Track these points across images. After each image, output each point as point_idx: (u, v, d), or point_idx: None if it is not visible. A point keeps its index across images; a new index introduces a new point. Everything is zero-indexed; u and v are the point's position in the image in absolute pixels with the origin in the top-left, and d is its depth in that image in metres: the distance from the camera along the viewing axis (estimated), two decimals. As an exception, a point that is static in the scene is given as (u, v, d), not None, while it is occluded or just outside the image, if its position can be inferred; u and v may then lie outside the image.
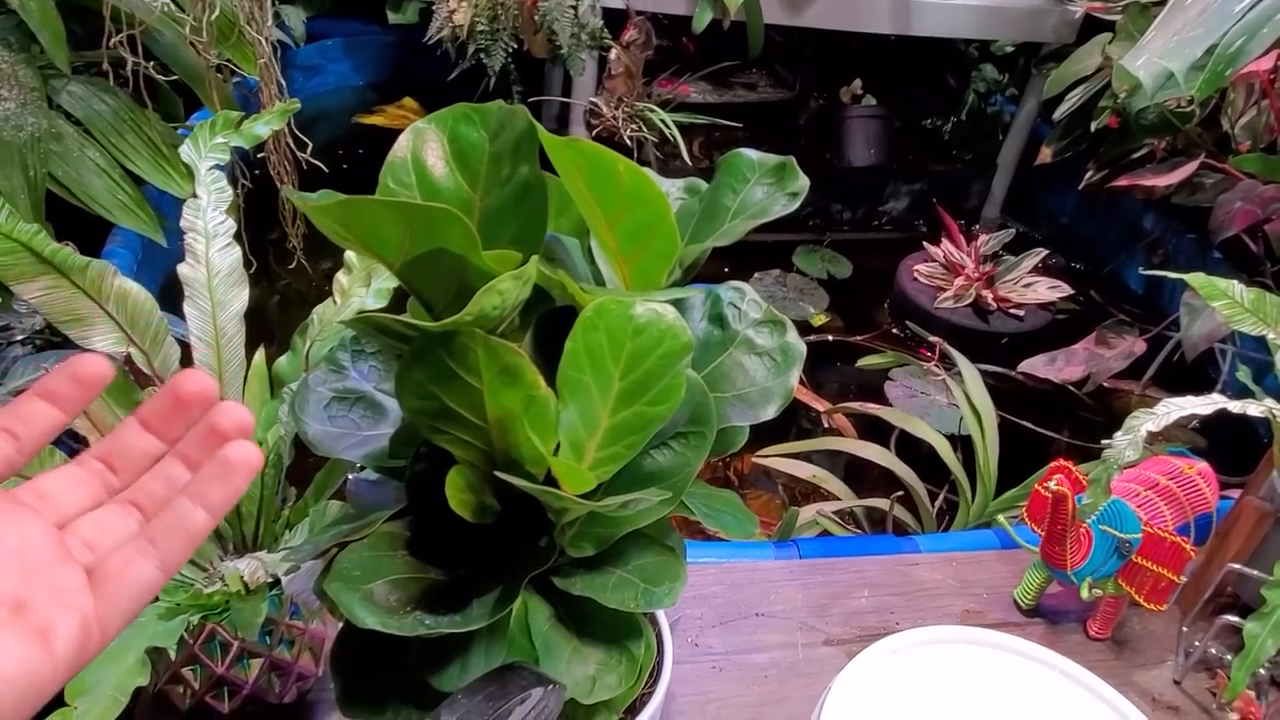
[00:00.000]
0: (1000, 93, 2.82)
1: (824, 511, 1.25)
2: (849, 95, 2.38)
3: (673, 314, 0.44)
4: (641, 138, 2.16)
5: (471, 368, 0.42)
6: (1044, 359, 1.87)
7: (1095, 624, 0.93)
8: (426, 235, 0.42)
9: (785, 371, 0.54)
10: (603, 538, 0.49)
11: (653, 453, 0.48)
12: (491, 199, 0.50)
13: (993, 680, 0.63)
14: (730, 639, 0.92)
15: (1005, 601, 0.98)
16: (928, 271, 2.06)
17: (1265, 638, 0.72)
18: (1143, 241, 2.21)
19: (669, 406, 0.45)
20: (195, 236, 0.76)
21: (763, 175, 0.52)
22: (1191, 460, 0.95)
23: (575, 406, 0.44)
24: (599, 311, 0.43)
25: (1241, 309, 0.82)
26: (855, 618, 0.96)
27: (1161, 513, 0.88)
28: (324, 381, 0.58)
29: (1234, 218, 1.44)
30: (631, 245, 0.50)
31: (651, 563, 0.50)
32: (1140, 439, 0.74)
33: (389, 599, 0.43)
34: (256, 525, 0.77)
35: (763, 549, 1.06)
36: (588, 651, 0.49)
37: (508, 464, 0.46)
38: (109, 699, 0.53)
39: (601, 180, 0.46)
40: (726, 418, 0.53)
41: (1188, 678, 0.90)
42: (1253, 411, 0.74)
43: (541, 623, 0.50)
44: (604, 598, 0.47)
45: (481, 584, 0.45)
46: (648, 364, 0.44)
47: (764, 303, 0.56)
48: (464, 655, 0.44)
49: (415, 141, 0.50)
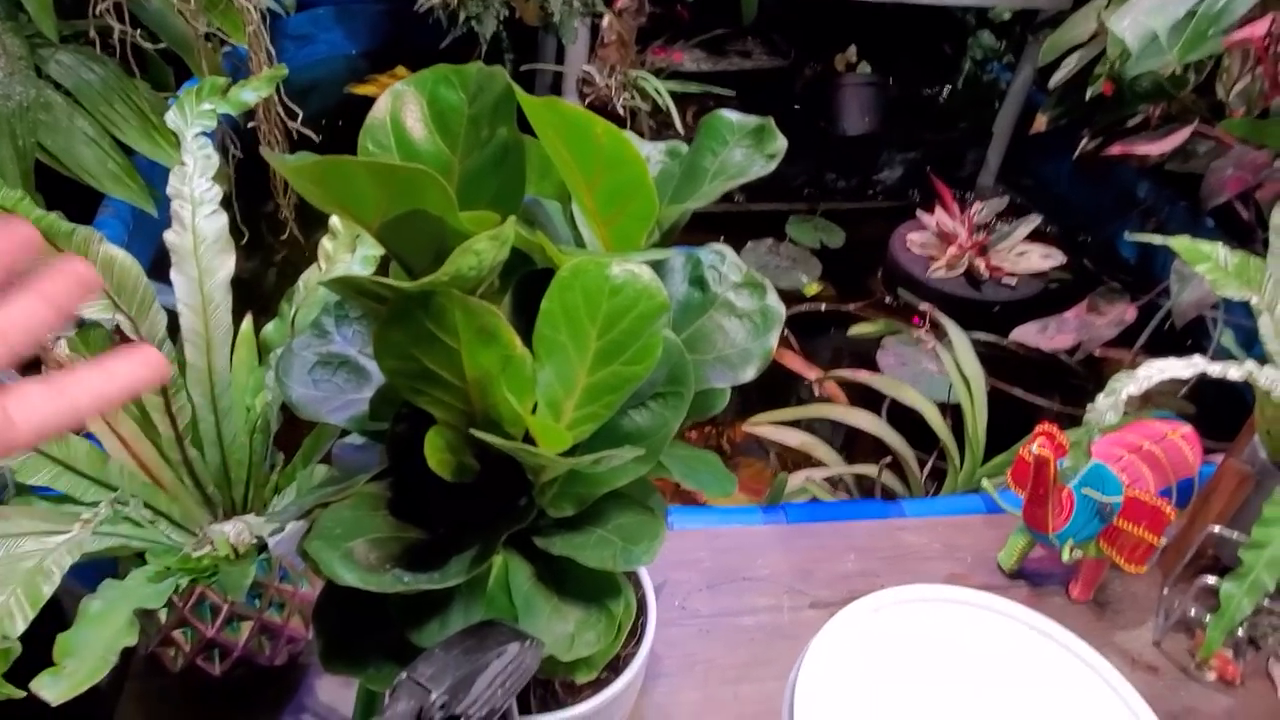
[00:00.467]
0: (997, 60, 2.80)
1: (813, 478, 1.26)
2: (844, 63, 2.37)
3: (649, 274, 0.44)
4: (635, 106, 2.15)
5: (449, 328, 0.43)
6: (1035, 327, 1.87)
7: (1077, 587, 0.95)
8: (404, 196, 0.43)
9: (765, 333, 0.54)
10: (582, 498, 0.49)
11: (631, 413, 0.49)
12: (471, 161, 0.50)
13: (972, 638, 0.64)
14: (717, 602, 0.93)
15: (989, 565, 0.99)
16: (921, 240, 2.06)
17: (1241, 598, 0.73)
18: (1136, 209, 2.21)
19: (646, 366, 0.45)
20: (181, 203, 0.76)
21: (742, 137, 0.52)
22: (1176, 424, 0.96)
23: (552, 366, 0.44)
24: (575, 271, 0.43)
25: (1225, 273, 0.82)
26: (841, 581, 0.97)
27: (1144, 476, 0.89)
28: (308, 346, 0.58)
29: (1225, 184, 1.44)
30: (610, 207, 0.50)
31: (631, 522, 0.51)
32: (1121, 402, 0.74)
33: (369, 557, 0.44)
34: (245, 490, 0.78)
35: (751, 514, 1.07)
36: (567, 610, 0.50)
37: (486, 424, 0.46)
38: (97, 659, 0.54)
39: (579, 142, 0.46)
40: (706, 379, 0.54)
41: (1167, 639, 0.92)
42: (1233, 375, 0.74)
43: (522, 582, 0.50)
44: (583, 557, 0.48)
45: (461, 542, 0.46)
46: (624, 324, 0.44)
47: (744, 265, 0.56)
48: (443, 612, 0.45)
49: (394, 104, 0.50)
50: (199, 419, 0.75)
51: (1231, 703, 0.87)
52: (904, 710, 0.58)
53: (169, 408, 0.73)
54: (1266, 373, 0.76)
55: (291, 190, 1.94)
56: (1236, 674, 0.88)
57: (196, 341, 0.75)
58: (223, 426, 0.76)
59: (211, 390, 0.75)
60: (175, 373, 0.72)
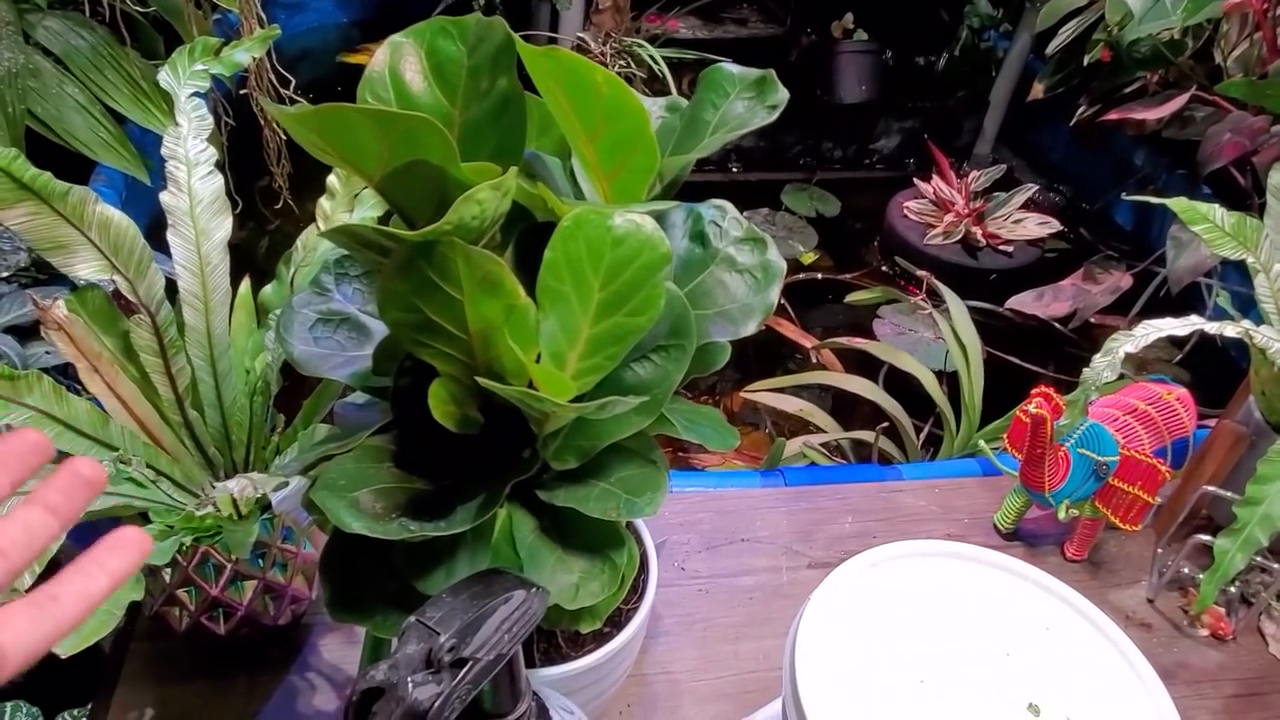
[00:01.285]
0: (994, 28, 2.78)
1: (810, 443, 1.27)
2: (840, 30, 2.35)
3: (652, 225, 0.44)
4: (630, 74, 2.14)
5: (452, 278, 0.43)
6: (1032, 295, 1.88)
7: (1072, 546, 0.96)
8: (405, 146, 0.42)
9: (766, 288, 0.55)
10: (585, 450, 0.50)
11: (633, 365, 0.49)
12: (471, 113, 0.50)
13: (970, 592, 0.65)
14: (717, 563, 0.94)
15: (985, 526, 1.00)
16: (918, 208, 2.06)
17: (1235, 553, 0.73)
18: (1133, 177, 2.20)
19: (649, 317, 0.45)
20: (176, 164, 0.75)
21: (743, 89, 0.52)
22: (1171, 387, 0.96)
23: (556, 316, 0.44)
24: (578, 222, 0.43)
25: (1222, 233, 0.82)
26: (839, 542, 0.98)
27: (1139, 436, 0.90)
28: (308, 303, 0.58)
29: (1222, 149, 1.44)
30: (611, 160, 0.50)
31: (633, 474, 0.51)
32: (1118, 360, 0.75)
33: (374, 506, 0.44)
34: (247, 452, 0.78)
35: (749, 478, 1.08)
36: (571, 560, 0.50)
37: (490, 375, 0.46)
38: (103, 613, 0.55)
39: (580, 92, 0.46)
40: (707, 334, 0.54)
41: (1161, 597, 0.93)
42: (1229, 332, 0.75)
43: (526, 534, 0.51)
44: (587, 508, 0.48)
45: (465, 492, 0.46)
46: (627, 274, 0.44)
47: (744, 220, 0.56)
48: (449, 561, 0.45)
49: (393, 56, 0.50)
50: (198, 381, 0.75)
51: (1223, 658, 0.88)
52: (903, 662, 0.59)
53: (168, 369, 0.73)
54: (1263, 331, 0.76)
55: (285, 160, 1.92)
56: (1229, 630, 0.89)
57: (194, 303, 0.75)
58: (222, 388, 0.76)
59: (210, 352, 0.75)
60: (174, 335, 0.72)
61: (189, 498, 0.75)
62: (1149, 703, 0.59)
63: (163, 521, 0.65)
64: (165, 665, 0.77)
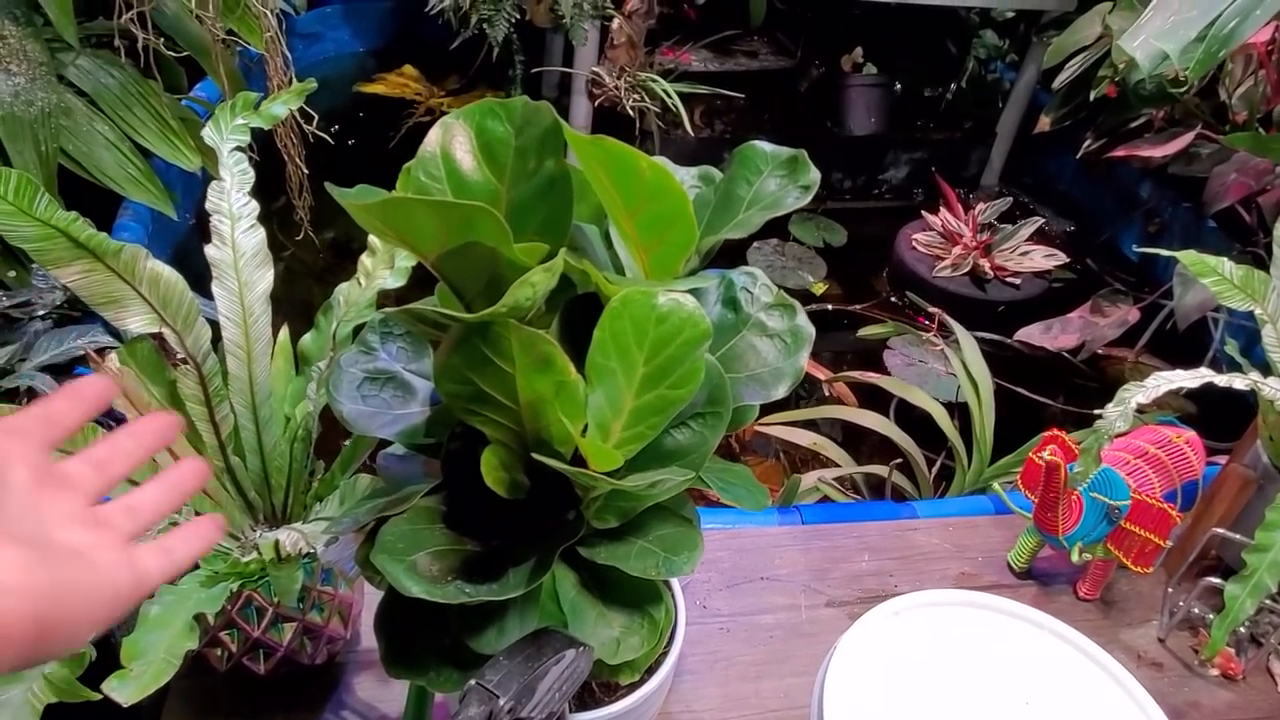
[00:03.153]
0: (1001, 59, 2.82)
1: (824, 478, 1.29)
2: (850, 63, 2.39)
3: (692, 303, 0.47)
4: (643, 107, 2.17)
5: (505, 355, 0.45)
6: (1040, 327, 1.90)
7: (1085, 586, 0.98)
8: (461, 230, 0.45)
9: (795, 353, 0.57)
10: (625, 510, 0.52)
11: (673, 432, 0.51)
12: (518, 191, 0.53)
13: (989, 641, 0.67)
14: (737, 601, 0.96)
15: (999, 564, 1.02)
16: (926, 240, 2.09)
17: (1245, 598, 0.76)
18: (1139, 210, 2.23)
19: (689, 389, 0.48)
20: (221, 218, 0.78)
21: (776, 167, 0.54)
22: (1180, 430, 0.99)
23: (603, 390, 0.47)
24: (624, 302, 0.46)
25: (1230, 285, 0.85)
26: (856, 580, 1.00)
27: (1150, 480, 0.92)
28: (355, 363, 0.61)
29: (1228, 190, 1.47)
30: (651, 235, 0.53)
31: (671, 533, 0.54)
32: (1130, 411, 0.77)
33: (431, 569, 0.46)
34: (286, 497, 0.81)
35: (767, 515, 1.10)
36: (612, 616, 0.52)
37: (538, 444, 0.49)
38: (161, 661, 0.57)
39: (624, 175, 0.49)
40: (740, 397, 0.56)
41: (1171, 636, 0.95)
42: (1238, 385, 0.77)
43: (569, 589, 0.53)
44: (627, 566, 0.51)
45: (516, 555, 0.49)
46: (670, 350, 0.47)
47: (775, 287, 0.59)
48: (500, 620, 0.48)
49: (444, 136, 0.53)
50: (240, 428, 0.78)
51: (1233, 697, 0.90)
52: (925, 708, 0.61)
53: (213, 417, 0.76)
54: (1271, 383, 0.79)
55: (306, 191, 1.96)
56: (1239, 670, 0.91)
57: (238, 353, 0.77)
58: (263, 435, 0.79)
59: (252, 400, 0.78)
60: (219, 384, 0.75)
61: (232, 543, 0.77)
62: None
63: (210, 568, 0.68)
64: (205, 702, 0.79)
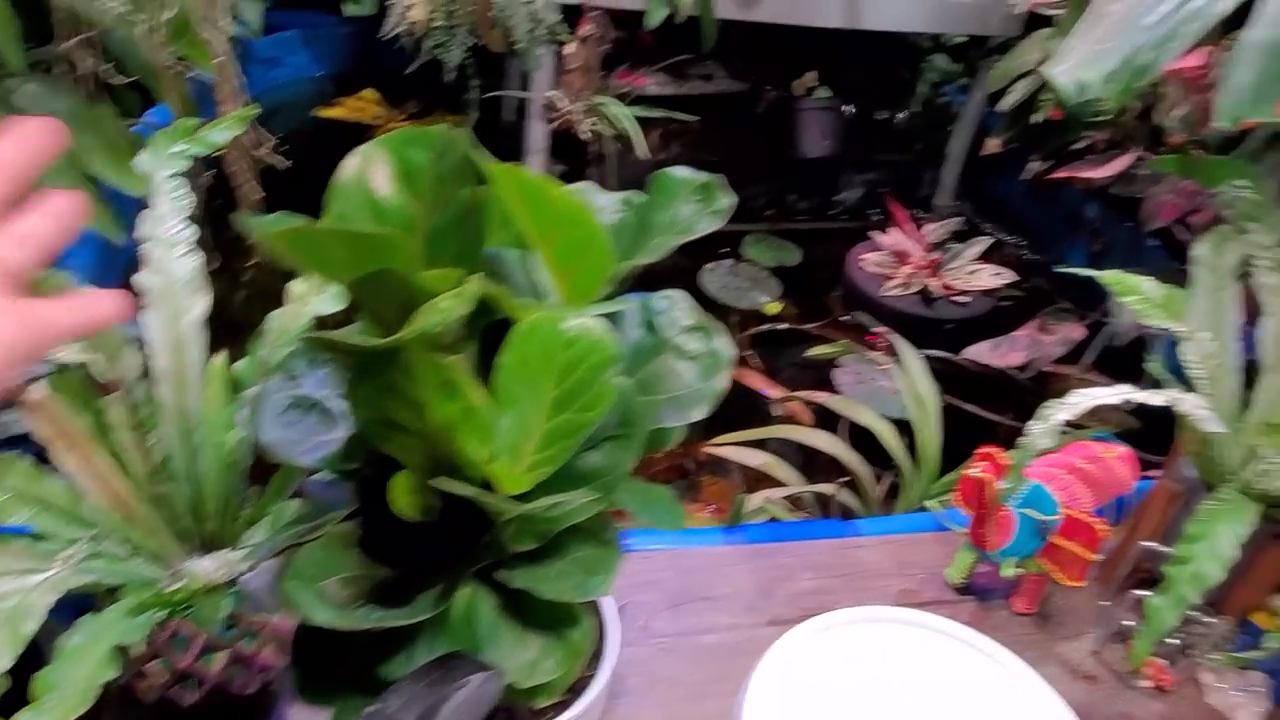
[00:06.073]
0: (953, 83, 2.88)
1: (771, 498, 1.30)
2: (802, 88, 2.43)
3: (601, 327, 0.48)
4: (599, 131, 2.19)
5: (414, 381, 0.46)
6: (988, 345, 1.93)
7: (1021, 600, 0.99)
8: (371, 258, 0.46)
9: (713, 375, 0.58)
10: (542, 533, 0.53)
11: (586, 454, 0.52)
12: (436, 218, 0.54)
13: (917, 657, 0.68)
14: (680, 622, 0.96)
15: (939, 581, 1.04)
16: (876, 260, 2.12)
17: (1167, 611, 0.77)
18: (1085, 230, 2.28)
19: (599, 412, 0.49)
20: (153, 245, 0.78)
21: (691, 193, 0.56)
22: (1112, 445, 1.01)
23: (512, 415, 0.48)
24: (532, 327, 0.47)
25: (1151, 304, 0.87)
26: (798, 599, 1.01)
27: (1080, 495, 0.94)
28: (280, 389, 0.61)
29: (1161, 210, 1.51)
30: (567, 261, 0.54)
31: (589, 555, 0.54)
32: (1054, 427, 0.79)
33: (340, 595, 0.47)
34: (219, 524, 0.80)
35: (713, 535, 1.11)
36: (529, 639, 0.53)
37: (450, 468, 0.49)
38: (78, 694, 0.57)
39: (537, 204, 0.50)
40: (658, 419, 0.57)
41: (1106, 649, 0.96)
42: (1155, 402, 0.79)
43: (486, 614, 0.54)
44: (542, 589, 0.51)
45: (426, 579, 0.49)
46: (579, 374, 0.48)
47: (694, 309, 0.60)
48: (409, 646, 0.48)
49: (363, 164, 0.54)
50: (172, 455, 0.77)
51: (1164, 708, 0.92)
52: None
53: (143, 445, 0.75)
54: (1188, 400, 0.81)
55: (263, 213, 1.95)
56: (1170, 681, 0.93)
57: (169, 380, 0.77)
58: (196, 462, 0.78)
59: (184, 426, 0.78)
60: (149, 412, 0.75)
61: (161, 571, 0.76)
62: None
63: (136, 597, 0.67)
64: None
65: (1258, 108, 0.78)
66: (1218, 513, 0.81)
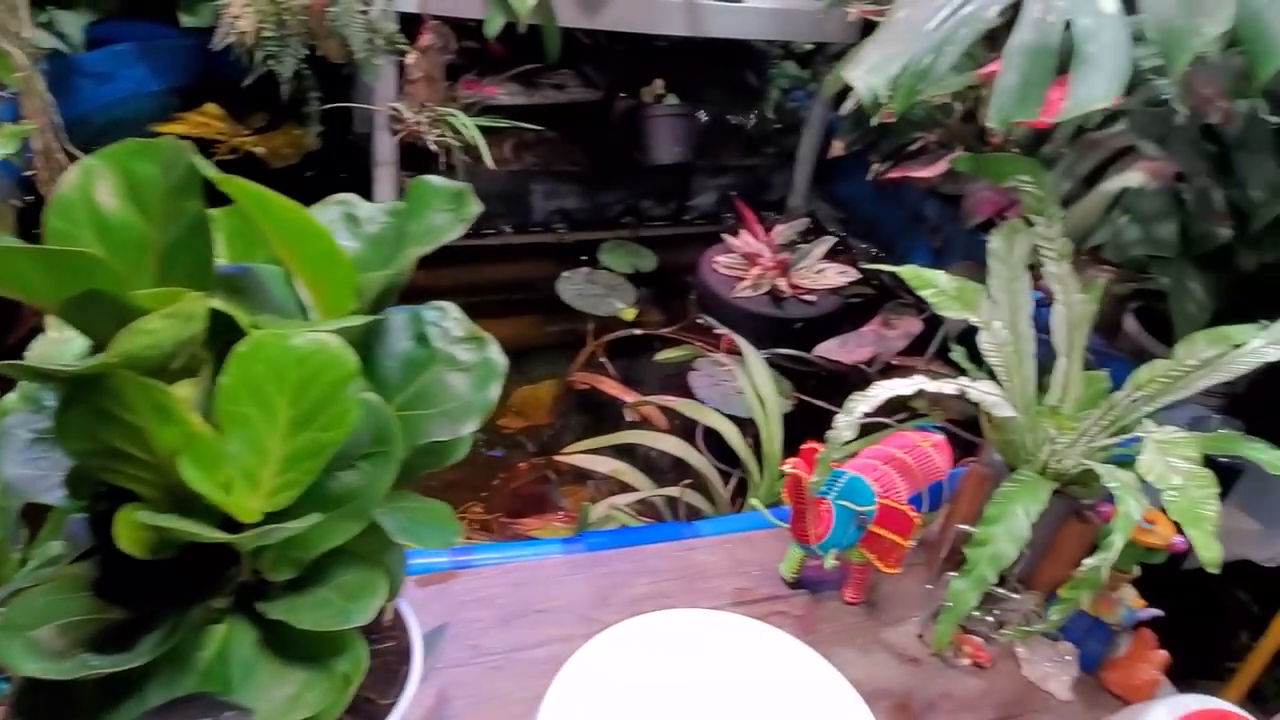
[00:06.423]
0: (802, 89, 2.96)
1: (616, 505, 1.30)
2: (651, 95, 2.45)
3: (337, 341, 0.46)
4: (446, 143, 2.15)
5: (130, 407, 0.43)
6: (836, 342, 1.99)
7: (849, 590, 1.01)
8: (74, 279, 0.43)
9: (485, 386, 0.57)
10: (298, 560, 0.50)
11: (339, 474, 0.50)
12: (170, 233, 0.51)
13: (711, 656, 0.68)
14: (510, 637, 0.95)
15: (773, 577, 1.05)
16: (727, 263, 2.16)
17: (967, 591, 0.80)
18: (925, 227, 2.38)
19: (342, 431, 0.47)
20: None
21: (445, 202, 0.54)
22: (928, 434, 1.04)
23: (241, 438, 0.45)
24: (255, 346, 0.44)
25: (947, 296, 0.91)
26: (634, 605, 1.00)
27: (895, 484, 0.97)
28: (24, 423, 0.57)
29: (979, 206, 1.59)
30: (314, 275, 0.51)
31: (353, 579, 0.52)
32: (857, 420, 0.81)
33: (56, 643, 0.43)
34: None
35: (551, 546, 1.09)
36: (290, 673, 0.50)
37: (186, 499, 0.46)
38: None
39: (266, 216, 0.48)
40: (429, 434, 0.56)
41: (929, 631, 0.99)
42: (947, 390, 0.82)
43: (244, 648, 0.51)
44: (298, 619, 0.49)
45: (160, 619, 0.46)
46: (315, 392, 0.46)
47: (466, 319, 0.58)
48: (139, 692, 0.45)
49: (84, 179, 0.50)
50: (-73, 501, 0.71)
51: (983, 685, 0.95)
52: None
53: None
54: (978, 386, 0.84)
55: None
56: (988, 658, 0.96)
57: (-79, 419, 0.71)
58: (-44, 507, 0.72)
59: (-59, 470, 0.72)
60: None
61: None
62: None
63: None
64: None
65: (1023, 108, 0.81)
66: (1013, 493, 0.84)
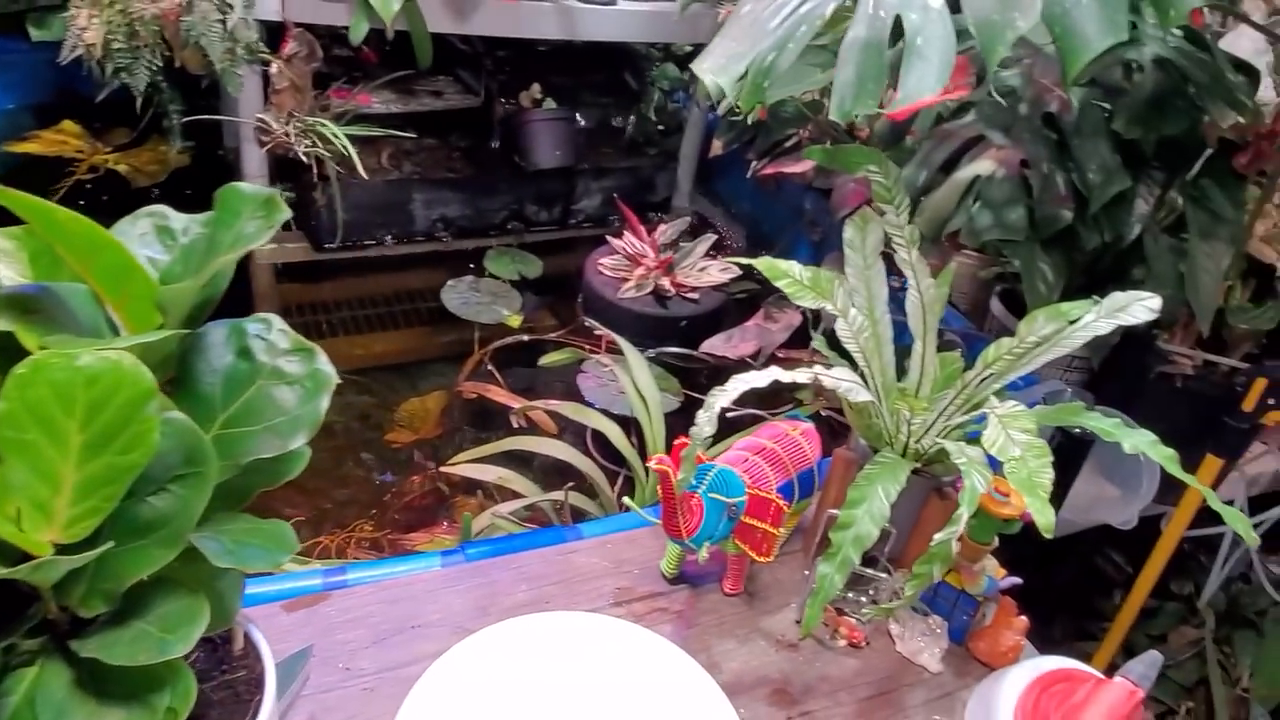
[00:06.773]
0: (684, 90, 3.00)
1: (499, 513, 1.28)
2: (529, 100, 2.44)
3: (130, 359, 0.43)
4: (318, 153, 2.10)
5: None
6: (721, 338, 2.01)
7: (728, 582, 1.02)
8: None
9: (315, 398, 0.55)
10: (109, 593, 0.48)
11: (149, 499, 0.47)
12: (-49, 254, 0.48)
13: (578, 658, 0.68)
14: (384, 656, 0.92)
15: (654, 575, 1.05)
16: (612, 264, 2.16)
17: (833, 574, 0.82)
18: (804, 221, 2.43)
19: (143, 453, 0.44)
20: None
21: (255, 209, 0.52)
22: (797, 423, 1.06)
23: (27, 467, 0.42)
24: (37, 367, 0.42)
25: (802, 286, 0.92)
26: (513, 612, 0.99)
27: (765, 474, 0.98)
28: None
29: (846, 198, 1.63)
30: (114, 290, 0.49)
31: (174, 609, 0.49)
32: (715, 415, 0.82)
33: None
34: None
35: (429, 559, 1.07)
36: (106, 713, 0.48)
37: (-28, 534, 0.43)
38: None
39: (49, 228, 0.45)
40: (255, 450, 0.54)
41: (805, 616, 1.01)
42: (800, 379, 0.84)
43: (56, 691, 0.48)
44: (112, 655, 0.46)
45: (-56, 666, 0.43)
46: (109, 413, 0.43)
47: (292, 332, 0.57)
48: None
49: None
50: None
51: (859, 664, 0.97)
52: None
53: None
54: (833, 374, 0.86)
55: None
56: (862, 638, 0.99)
57: None
58: None
59: None
60: None
61: None
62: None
63: None
64: None
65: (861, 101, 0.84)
66: (874, 475, 0.86)
